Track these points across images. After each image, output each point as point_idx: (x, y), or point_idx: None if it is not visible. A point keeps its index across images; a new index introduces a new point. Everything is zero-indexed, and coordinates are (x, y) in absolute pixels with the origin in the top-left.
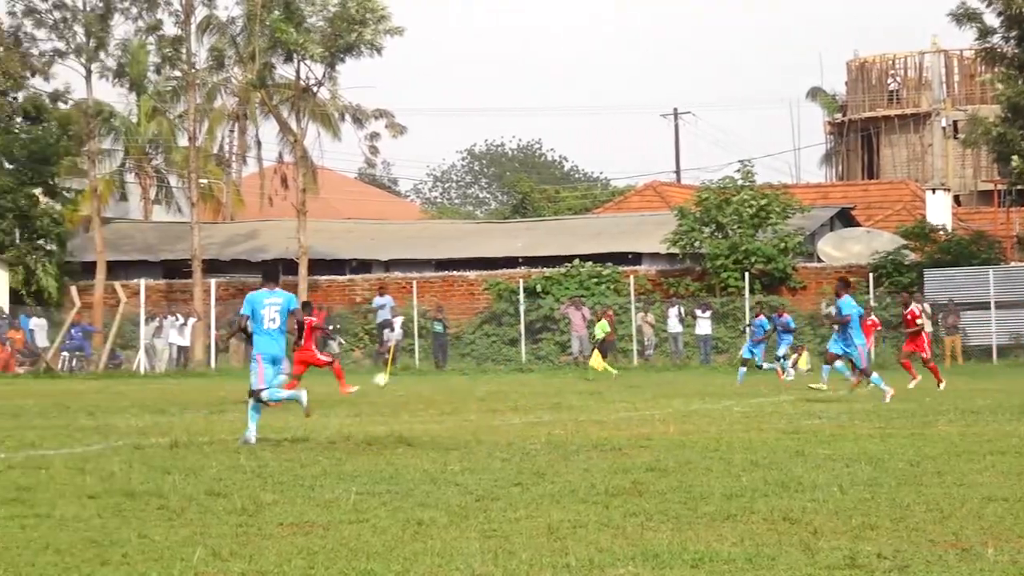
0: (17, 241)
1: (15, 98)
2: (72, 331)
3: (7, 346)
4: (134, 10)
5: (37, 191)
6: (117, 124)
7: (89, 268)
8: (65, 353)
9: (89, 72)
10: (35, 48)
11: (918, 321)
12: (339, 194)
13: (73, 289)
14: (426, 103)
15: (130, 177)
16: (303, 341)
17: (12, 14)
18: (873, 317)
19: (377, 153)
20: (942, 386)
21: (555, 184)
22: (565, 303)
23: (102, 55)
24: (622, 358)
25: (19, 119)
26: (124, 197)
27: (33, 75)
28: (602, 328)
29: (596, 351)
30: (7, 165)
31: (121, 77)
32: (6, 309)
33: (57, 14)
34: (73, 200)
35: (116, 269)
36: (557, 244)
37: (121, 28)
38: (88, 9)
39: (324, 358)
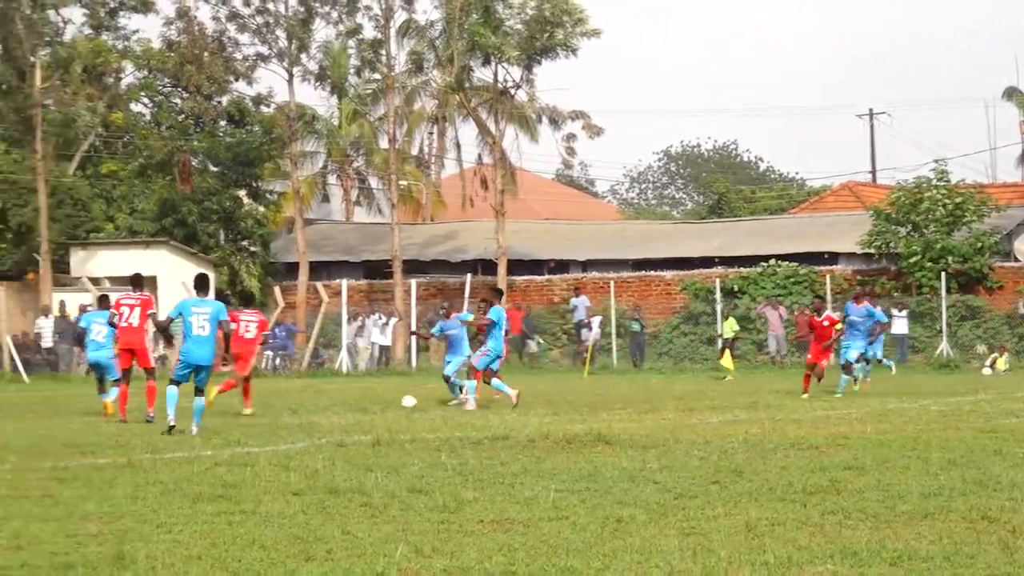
0: (222, 242)
1: (219, 102)
2: (276, 330)
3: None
4: (335, 14)
5: (241, 193)
6: (319, 127)
7: (292, 268)
8: (269, 352)
9: (291, 76)
10: (239, 53)
11: None
12: (537, 195)
13: (276, 289)
14: (622, 104)
15: (332, 179)
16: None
17: (216, 19)
18: None
19: (574, 154)
20: None
21: (751, 184)
22: (762, 302)
23: (304, 59)
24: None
25: (223, 123)
26: (326, 199)
27: (237, 79)
28: (731, 327)
29: (727, 350)
30: (212, 168)
31: (322, 80)
32: None
33: (260, 19)
34: (276, 202)
35: (318, 269)
36: (753, 244)
37: (322, 32)
38: (290, 14)
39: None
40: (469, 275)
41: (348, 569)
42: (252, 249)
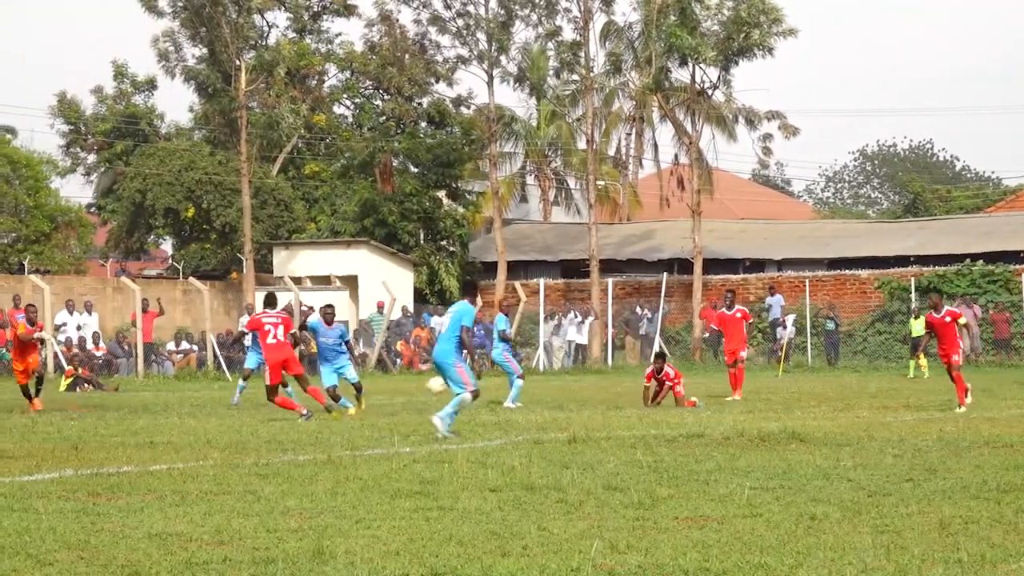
0: (421, 242)
1: (420, 104)
2: (475, 329)
3: (411, 345)
4: (534, 17)
5: (441, 194)
6: (517, 128)
7: (490, 268)
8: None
9: (491, 77)
10: (439, 55)
11: None
12: (733, 195)
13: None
14: (819, 104)
15: (530, 179)
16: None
17: (417, 22)
18: None
19: (770, 154)
20: None
21: (946, 184)
22: (957, 301)
23: (503, 61)
24: (1015, 356)
25: (424, 124)
26: (524, 199)
27: (437, 81)
28: (917, 326)
29: (917, 348)
30: (412, 169)
31: (521, 82)
32: (411, 308)
33: (460, 22)
34: (475, 202)
35: (516, 268)
36: (949, 243)
37: (521, 34)
38: (490, 17)
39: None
40: (664, 274)
41: (544, 565)
42: (451, 249)
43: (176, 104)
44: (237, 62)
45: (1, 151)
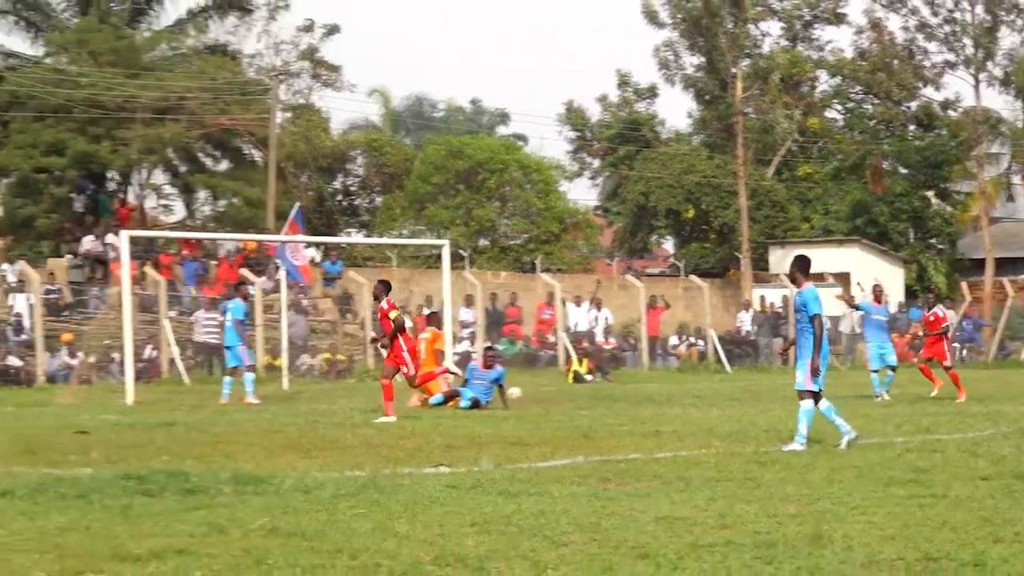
0: (911, 240)
1: (908, 107)
2: (963, 324)
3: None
4: (1020, 22)
5: (929, 194)
6: (1004, 130)
7: (978, 265)
8: (956, 344)
9: (977, 81)
10: (927, 60)
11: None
12: None
13: (963, 285)
14: None
15: (1016, 179)
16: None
17: (905, 29)
18: None
19: None
20: None
21: None
22: None
23: (989, 65)
24: None
25: (912, 127)
26: (1011, 198)
27: (924, 85)
28: None
29: None
30: (902, 170)
31: (1007, 85)
32: (902, 303)
33: (947, 28)
34: (963, 202)
35: (1004, 266)
36: None
37: (1008, 39)
38: (976, 23)
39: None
40: None
41: None
42: (939, 247)
43: (675, 110)
44: (733, 70)
45: (514, 157)
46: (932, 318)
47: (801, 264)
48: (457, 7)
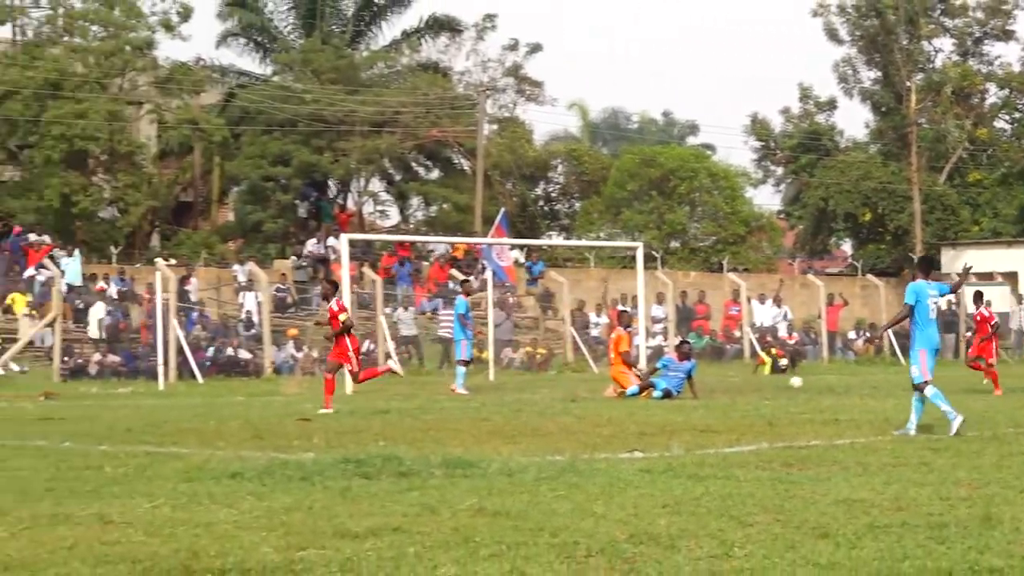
0: None
1: None
2: None
3: None
4: None
5: None
6: None
7: None
8: None
9: None
10: None
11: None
12: None
13: None
14: None
15: None
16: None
17: None
18: None
19: None
20: None
21: None
22: None
23: None
24: None
25: None
26: None
27: None
28: None
29: None
30: None
31: None
32: None
33: None
34: None
35: None
36: None
37: None
38: None
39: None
40: None
41: None
42: None
43: (853, 121)
44: (908, 83)
45: (703, 165)
46: (978, 318)
47: (920, 263)
48: (652, 27)
